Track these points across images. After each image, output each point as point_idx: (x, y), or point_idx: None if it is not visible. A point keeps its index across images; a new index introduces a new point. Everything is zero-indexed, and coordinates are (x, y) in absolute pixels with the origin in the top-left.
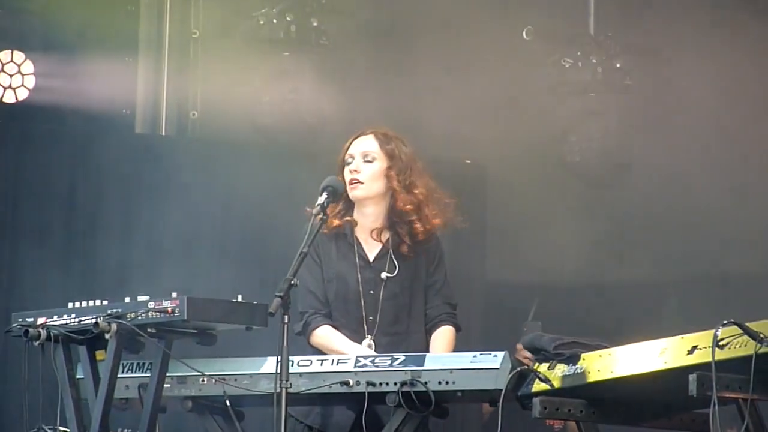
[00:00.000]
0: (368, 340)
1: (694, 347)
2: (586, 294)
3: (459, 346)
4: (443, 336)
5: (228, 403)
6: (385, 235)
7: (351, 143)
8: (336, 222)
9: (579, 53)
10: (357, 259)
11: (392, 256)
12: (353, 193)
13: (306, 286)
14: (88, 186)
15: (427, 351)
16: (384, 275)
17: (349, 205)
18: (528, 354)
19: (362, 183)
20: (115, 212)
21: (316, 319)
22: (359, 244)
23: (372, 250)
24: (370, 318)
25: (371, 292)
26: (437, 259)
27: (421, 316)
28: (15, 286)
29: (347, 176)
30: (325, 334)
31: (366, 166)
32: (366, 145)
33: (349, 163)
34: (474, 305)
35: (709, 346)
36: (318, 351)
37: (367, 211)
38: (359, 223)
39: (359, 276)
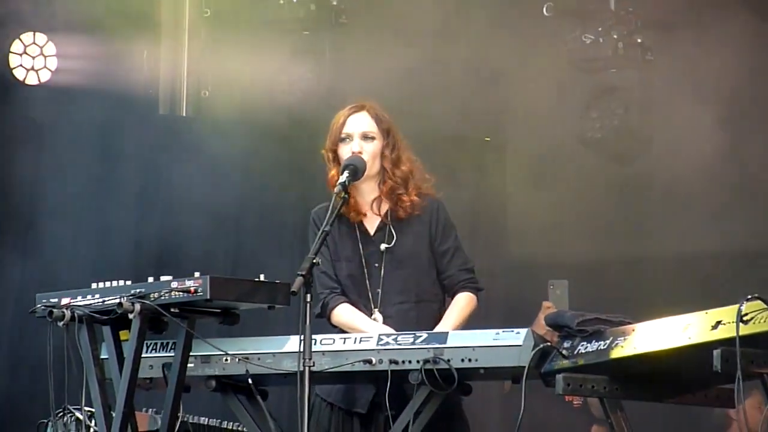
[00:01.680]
0: (375, 313)
1: (718, 322)
2: (608, 270)
3: (479, 322)
4: (456, 303)
5: (251, 381)
6: (384, 208)
7: (345, 120)
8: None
9: (600, 29)
10: (358, 234)
11: (391, 227)
12: None
13: (318, 267)
14: (110, 167)
15: (440, 319)
16: (383, 246)
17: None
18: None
19: (366, 162)
20: (136, 192)
21: (333, 298)
22: (358, 219)
23: (371, 224)
24: (377, 291)
25: (376, 265)
26: (441, 225)
27: (430, 284)
28: (39, 266)
29: (346, 153)
30: (344, 312)
31: (367, 144)
32: (364, 123)
33: (343, 140)
34: (495, 284)
35: (733, 322)
36: (340, 330)
37: (363, 187)
38: (357, 200)
39: (362, 251)
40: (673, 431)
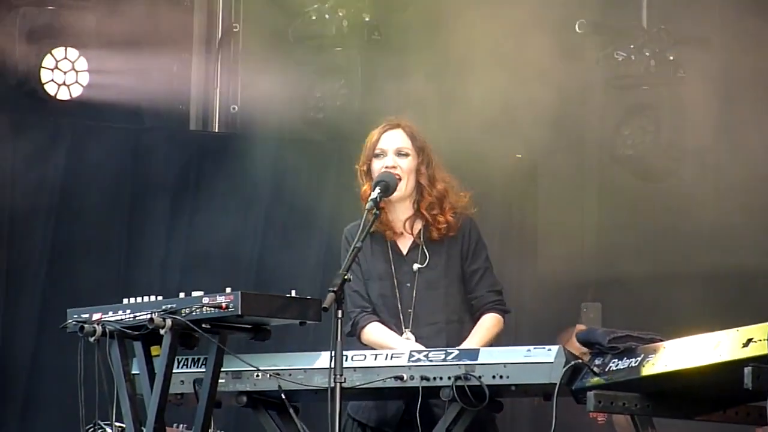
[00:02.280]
0: (407, 333)
1: (750, 340)
2: (639, 288)
3: (507, 339)
4: (482, 324)
5: (284, 396)
6: (417, 227)
7: (380, 137)
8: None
9: (632, 46)
10: (391, 254)
11: (424, 247)
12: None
13: (349, 285)
14: (141, 183)
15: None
16: (416, 267)
17: None
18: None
19: (401, 179)
20: (167, 209)
21: (364, 317)
22: (391, 238)
23: (404, 243)
24: (408, 311)
25: (407, 285)
26: (473, 245)
27: (459, 305)
28: (69, 283)
29: (379, 169)
30: (375, 331)
31: (402, 161)
32: (399, 140)
33: (377, 155)
34: (525, 301)
35: (764, 339)
36: (370, 348)
37: (397, 206)
38: (390, 218)
39: (394, 270)
40: None
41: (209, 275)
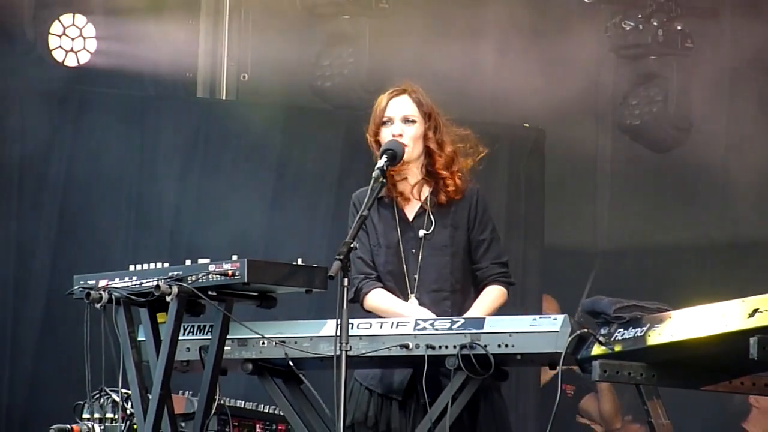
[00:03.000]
0: (412, 298)
1: (755, 310)
2: (646, 257)
3: (515, 310)
4: (486, 294)
5: (291, 364)
6: (424, 193)
7: (387, 104)
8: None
9: (640, 16)
10: (397, 220)
11: (430, 213)
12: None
13: (354, 252)
14: (149, 149)
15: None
16: (422, 233)
17: None
18: None
19: (407, 145)
20: (173, 176)
21: (367, 284)
22: (398, 204)
23: (411, 209)
24: (414, 277)
25: (413, 251)
26: (480, 215)
27: (464, 273)
28: (76, 249)
29: (387, 137)
30: (377, 297)
31: (408, 128)
32: (405, 106)
33: (385, 123)
34: (532, 269)
35: None
36: (374, 315)
37: (405, 171)
38: (400, 184)
39: (400, 236)
40: (696, 415)
41: (217, 244)
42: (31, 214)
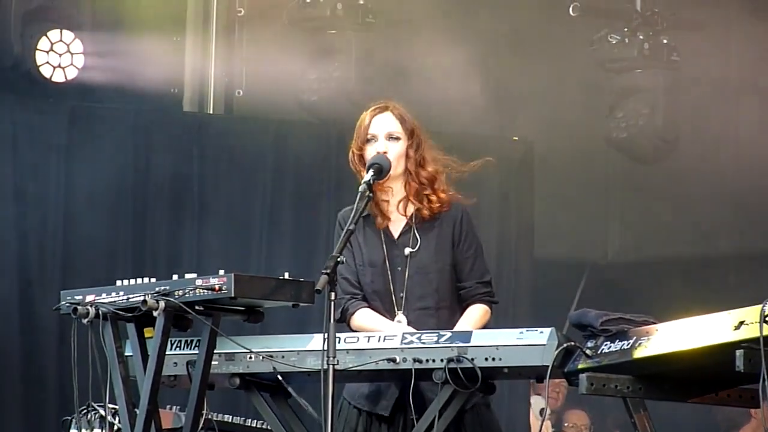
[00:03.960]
0: (399, 316)
1: (741, 323)
2: (633, 270)
3: (505, 322)
4: (470, 314)
5: (280, 378)
6: (409, 210)
7: (371, 121)
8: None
9: (626, 29)
10: (383, 239)
11: (415, 231)
12: None
13: (339, 272)
14: (137, 165)
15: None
16: (407, 251)
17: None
18: None
19: (391, 161)
20: (165, 191)
21: (353, 304)
22: (384, 222)
23: (396, 227)
24: (400, 295)
25: (399, 269)
26: (465, 232)
27: (450, 291)
28: (66, 264)
29: (371, 154)
30: (363, 317)
31: (392, 145)
32: (388, 123)
33: (369, 141)
34: (521, 282)
35: (756, 321)
36: None
37: (390, 187)
38: (383, 201)
39: (386, 255)
40: (691, 426)
41: (206, 259)
42: (28, 232)
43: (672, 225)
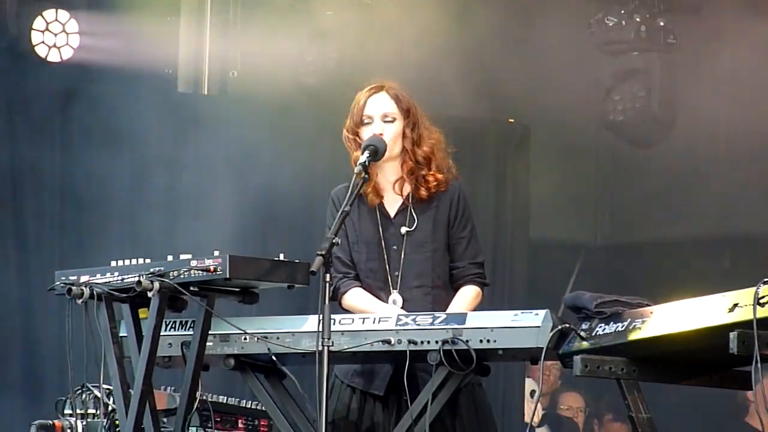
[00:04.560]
0: (394, 295)
1: (735, 305)
2: (628, 252)
3: (500, 304)
4: (462, 296)
5: (274, 358)
6: (406, 189)
7: (365, 102)
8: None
9: (622, 12)
10: (379, 217)
11: (412, 210)
12: None
13: (334, 251)
14: (131, 144)
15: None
16: (404, 230)
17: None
18: None
19: (386, 142)
20: (158, 172)
21: (345, 283)
22: (380, 201)
23: (392, 206)
24: (395, 274)
25: (394, 247)
26: (461, 213)
27: (445, 270)
28: (58, 245)
29: (367, 136)
30: (355, 297)
31: (387, 126)
32: (384, 104)
33: (365, 122)
34: (516, 263)
35: (750, 304)
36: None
37: (386, 167)
38: (379, 181)
39: (381, 233)
40: (697, 410)
41: (206, 240)
42: (22, 206)
43: (668, 207)
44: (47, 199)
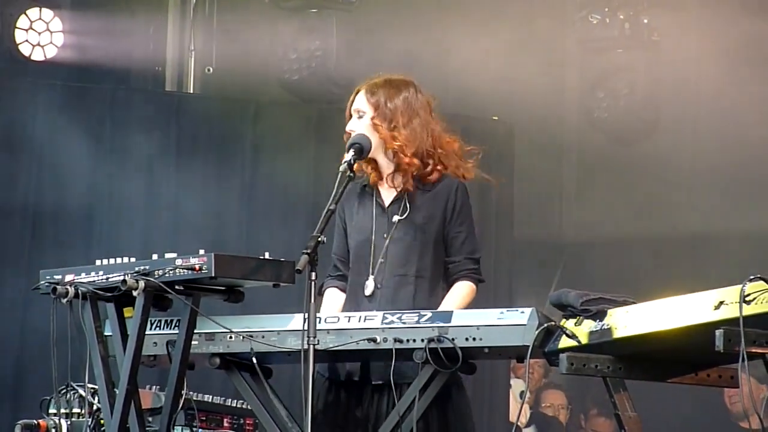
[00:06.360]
0: (369, 279)
1: (721, 303)
2: (613, 250)
3: (486, 303)
4: (456, 291)
5: (254, 360)
6: (398, 180)
7: (351, 100)
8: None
9: (606, 9)
10: (374, 207)
11: (406, 201)
12: None
13: (332, 249)
14: (117, 143)
15: (435, 297)
16: (396, 218)
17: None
18: None
19: (370, 138)
20: (143, 172)
21: (327, 281)
22: (377, 192)
23: (388, 196)
24: (380, 260)
25: (384, 236)
26: (458, 208)
27: (435, 262)
28: (42, 245)
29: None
30: (326, 296)
31: (357, 123)
32: (357, 101)
33: (349, 120)
34: (501, 262)
35: (736, 302)
36: (347, 309)
37: (379, 160)
38: (373, 173)
39: (374, 223)
40: (697, 407)
41: (188, 239)
42: (3, 208)
43: (652, 205)
44: (31, 198)
